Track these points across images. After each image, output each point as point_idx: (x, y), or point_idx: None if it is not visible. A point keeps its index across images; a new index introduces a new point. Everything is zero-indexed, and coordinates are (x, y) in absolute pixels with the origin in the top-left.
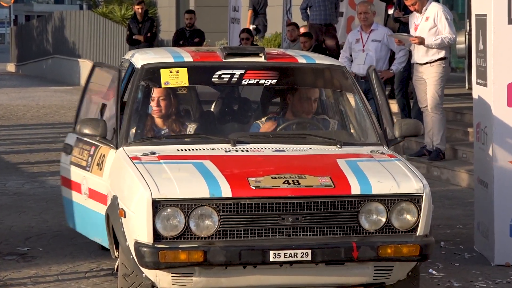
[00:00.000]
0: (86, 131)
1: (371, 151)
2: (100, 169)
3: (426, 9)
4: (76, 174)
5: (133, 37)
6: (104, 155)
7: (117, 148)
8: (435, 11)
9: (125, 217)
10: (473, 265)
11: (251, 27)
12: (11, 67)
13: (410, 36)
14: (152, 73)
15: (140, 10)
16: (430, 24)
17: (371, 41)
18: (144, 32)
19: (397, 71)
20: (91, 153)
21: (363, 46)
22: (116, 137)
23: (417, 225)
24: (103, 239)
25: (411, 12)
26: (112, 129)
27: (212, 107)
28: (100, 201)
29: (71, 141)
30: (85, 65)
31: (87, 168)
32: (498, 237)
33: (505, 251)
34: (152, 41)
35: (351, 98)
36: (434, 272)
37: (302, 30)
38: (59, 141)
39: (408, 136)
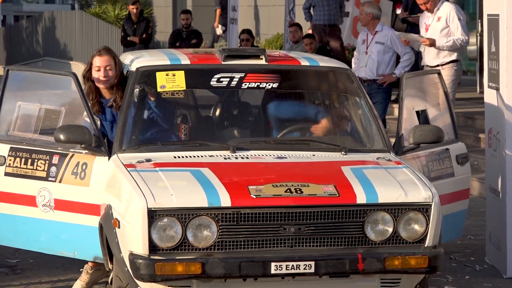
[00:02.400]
0: (70, 138)
1: (377, 158)
2: (82, 178)
3: (438, 9)
4: (23, 186)
5: (128, 38)
6: (86, 164)
7: (110, 155)
8: (447, 11)
9: (119, 228)
10: (484, 277)
11: (220, 28)
12: None
13: (420, 37)
14: (148, 76)
15: (135, 10)
16: (442, 25)
17: (374, 43)
18: (139, 33)
19: (401, 76)
20: (54, 162)
21: (367, 48)
22: (100, 144)
23: (426, 236)
24: (78, 252)
25: (418, 12)
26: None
27: (211, 112)
28: (80, 212)
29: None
30: (77, 68)
31: (50, 179)
32: (510, 249)
33: None
34: (147, 43)
35: (356, 102)
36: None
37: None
38: None
39: (424, 143)
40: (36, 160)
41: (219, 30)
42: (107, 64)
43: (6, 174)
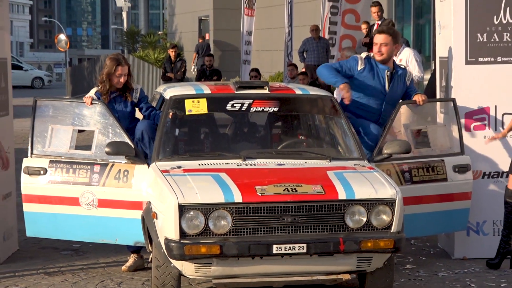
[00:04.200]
0: (119, 151)
1: (354, 164)
2: (125, 182)
3: (400, 53)
4: (67, 191)
5: (166, 74)
6: (127, 171)
7: (149, 164)
8: (407, 54)
9: (157, 219)
10: (437, 258)
11: (193, 67)
12: None
13: None
14: (179, 102)
15: (173, 53)
16: (403, 65)
17: None
18: (175, 71)
19: None
20: (96, 170)
21: None
22: (138, 155)
23: (392, 224)
24: (119, 239)
25: None
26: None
27: (227, 130)
28: (123, 208)
29: (39, 164)
30: None
31: (93, 183)
32: (457, 236)
33: (463, 247)
34: (182, 78)
35: (338, 122)
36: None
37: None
38: None
39: (393, 153)
40: (77, 170)
41: (193, 68)
42: (126, 72)
43: (48, 182)
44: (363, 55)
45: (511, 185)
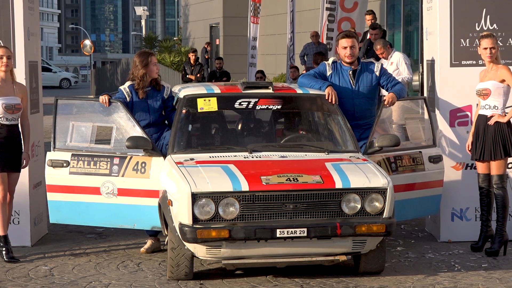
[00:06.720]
0: (138, 145)
1: (349, 156)
2: (143, 173)
3: (391, 56)
4: (89, 181)
5: (187, 76)
6: (145, 162)
7: (165, 156)
8: (397, 57)
9: (172, 206)
10: (424, 241)
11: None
12: None
13: None
14: (192, 101)
15: (193, 57)
16: (394, 67)
17: None
18: (195, 73)
19: None
20: (116, 162)
21: None
22: (154, 148)
23: (384, 210)
24: (137, 224)
25: (372, 57)
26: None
27: (235, 125)
28: (141, 196)
29: (62, 157)
30: None
31: (113, 174)
32: (443, 221)
33: (448, 232)
34: (200, 80)
35: (335, 118)
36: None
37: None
38: None
39: (385, 146)
40: (98, 162)
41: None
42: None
43: (71, 173)
44: (330, 60)
45: (479, 170)
